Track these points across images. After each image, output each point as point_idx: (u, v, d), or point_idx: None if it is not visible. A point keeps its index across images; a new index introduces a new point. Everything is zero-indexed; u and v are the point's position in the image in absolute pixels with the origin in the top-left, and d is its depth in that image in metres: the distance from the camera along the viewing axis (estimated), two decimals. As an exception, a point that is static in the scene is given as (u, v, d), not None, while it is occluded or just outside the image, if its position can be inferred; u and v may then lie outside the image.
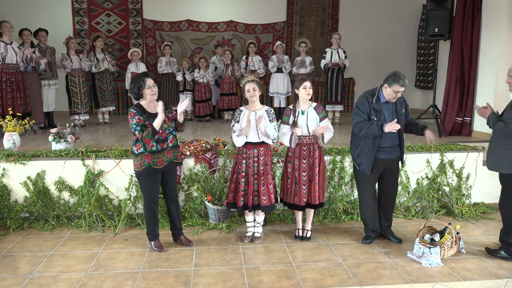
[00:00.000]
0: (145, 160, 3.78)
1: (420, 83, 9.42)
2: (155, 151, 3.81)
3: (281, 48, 7.83)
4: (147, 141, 3.75)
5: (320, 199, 4.23)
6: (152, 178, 3.87)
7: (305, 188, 4.18)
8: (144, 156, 3.78)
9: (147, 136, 3.71)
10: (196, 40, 9.40)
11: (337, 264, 3.83)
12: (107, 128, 7.19)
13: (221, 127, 7.31)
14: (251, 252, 4.06)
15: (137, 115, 3.73)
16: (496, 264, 3.86)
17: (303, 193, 4.17)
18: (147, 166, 3.79)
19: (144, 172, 3.81)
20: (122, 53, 9.11)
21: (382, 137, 3.96)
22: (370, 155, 4.00)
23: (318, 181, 4.18)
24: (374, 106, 3.95)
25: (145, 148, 3.78)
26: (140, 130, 3.71)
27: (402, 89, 3.86)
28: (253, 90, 4.06)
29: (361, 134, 3.98)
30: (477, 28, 6.35)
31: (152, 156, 3.79)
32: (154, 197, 3.94)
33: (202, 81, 8.02)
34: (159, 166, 3.84)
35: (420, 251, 3.92)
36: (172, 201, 4.11)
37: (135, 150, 3.81)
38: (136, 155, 3.82)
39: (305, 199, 4.19)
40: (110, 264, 3.78)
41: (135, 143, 3.82)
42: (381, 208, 4.33)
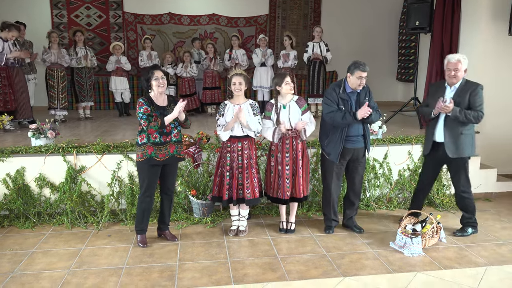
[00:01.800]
0: (147, 151, 3.81)
1: (402, 76, 9.53)
2: (158, 143, 3.83)
3: (264, 41, 7.81)
4: (151, 132, 3.77)
5: (304, 192, 4.26)
6: (151, 170, 3.88)
7: (288, 182, 4.20)
8: (147, 147, 3.81)
9: (154, 127, 3.74)
10: (178, 33, 9.31)
11: (321, 255, 3.87)
12: (88, 124, 7.08)
13: (205, 121, 7.28)
14: (236, 245, 4.07)
15: (145, 105, 3.78)
16: (475, 252, 3.96)
17: (286, 187, 4.20)
18: (148, 157, 3.81)
19: (145, 162, 3.82)
20: (103, 47, 8.97)
21: (349, 126, 4.06)
22: (339, 144, 4.09)
23: (302, 175, 4.21)
24: (342, 96, 4.07)
25: (148, 139, 3.82)
26: (146, 120, 3.74)
27: (364, 74, 3.99)
28: (239, 84, 4.07)
29: (336, 123, 4.06)
30: (457, 22, 6.44)
31: (154, 148, 3.82)
32: (150, 190, 3.93)
33: (186, 76, 7.95)
34: (160, 159, 3.85)
35: (402, 241, 3.99)
36: (167, 196, 4.12)
37: (139, 140, 3.85)
38: (139, 145, 3.85)
39: (288, 193, 4.22)
40: (94, 261, 3.74)
41: (139, 133, 3.85)
42: (347, 198, 4.44)
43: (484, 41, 6.13)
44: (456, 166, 4.24)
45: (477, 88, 4.07)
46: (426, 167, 4.49)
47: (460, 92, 4.10)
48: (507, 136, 6.41)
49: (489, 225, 4.66)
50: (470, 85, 4.11)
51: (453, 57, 4.13)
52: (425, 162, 4.51)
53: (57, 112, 7.17)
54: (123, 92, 7.93)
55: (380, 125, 5.30)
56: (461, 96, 4.07)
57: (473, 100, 4.05)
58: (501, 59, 6.21)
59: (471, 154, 4.18)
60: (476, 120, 4.03)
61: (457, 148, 4.11)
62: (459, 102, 4.05)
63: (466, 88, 4.09)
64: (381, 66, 9.58)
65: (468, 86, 4.10)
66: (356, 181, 4.34)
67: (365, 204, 5.16)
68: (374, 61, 9.27)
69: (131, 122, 7.16)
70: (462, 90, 4.10)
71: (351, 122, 4.01)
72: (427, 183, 4.52)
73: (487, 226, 4.64)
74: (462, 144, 4.10)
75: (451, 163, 4.26)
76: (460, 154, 4.13)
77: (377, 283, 3.39)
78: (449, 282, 3.42)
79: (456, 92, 4.12)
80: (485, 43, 6.14)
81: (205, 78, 8.07)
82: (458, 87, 4.13)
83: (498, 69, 6.24)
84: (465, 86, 4.11)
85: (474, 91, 4.06)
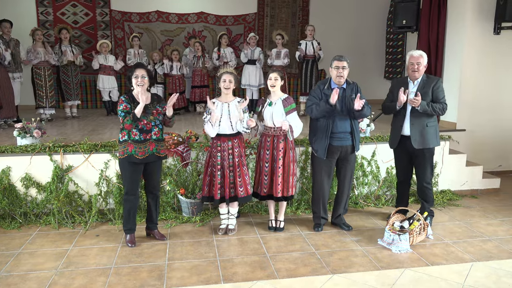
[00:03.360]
0: (128, 148, 3.81)
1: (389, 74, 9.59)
2: (137, 141, 3.82)
3: (254, 40, 7.80)
4: (128, 127, 3.76)
5: (284, 193, 4.24)
6: (132, 168, 3.86)
7: (266, 179, 4.22)
8: (127, 144, 3.81)
9: (127, 121, 3.73)
10: (166, 31, 9.24)
11: (310, 253, 3.88)
12: (75, 122, 7.00)
13: (193, 120, 7.25)
14: (225, 244, 4.07)
15: (124, 102, 3.78)
16: (462, 248, 4.01)
17: (264, 184, 4.23)
18: (128, 154, 3.81)
19: (126, 159, 3.82)
20: (90, 45, 8.87)
21: (334, 122, 4.11)
22: (324, 140, 4.14)
23: (283, 174, 4.20)
24: (326, 92, 4.14)
25: (129, 136, 3.81)
26: (123, 116, 3.75)
27: (340, 64, 4.08)
28: (229, 82, 4.07)
29: (313, 114, 4.14)
30: (443, 21, 6.51)
31: (134, 145, 3.81)
32: (132, 188, 3.91)
33: (176, 73, 7.90)
34: (139, 156, 3.83)
35: (390, 238, 4.02)
36: (152, 195, 4.09)
37: (120, 137, 3.85)
38: (120, 142, 3.86)
39: (265, 189, 4.23)
40: (81, 261, 3.71)
41: (121, 130, 3.86)
42: (336, 196, 4.48)
43: (469, 40, 6.20)
44: (422, 158, 4.36)
45: (438, 82, 4.27)
46: (399, 161, 4.59)
47: (423, 87, 4.25)
48: (493, 134, 6.50)
49: (475, 222, 4.72)
50: (431, 79, 4.29)
51: (415, 52, 4.29)
52: (396, 156, 4.62)
53: (46, 111, 7.08)
54: (111, 90, 7.86)
55: (368, 123, 5.34)
56: (424, 90, 4.23)
57: (436, 93, 4.23)
58: (486, 58, 6.29)
59: (435, 145, 4.33)
60: (442, 112, 4.25)
61: (423, 140, 4.26)
62: (423, 96, 4.20)
63: (428, 83, 4.26)
64: (368, 65, 9.64)
65: (429, 81, 4.28)
66: (346, 179, 4.36)
67: (353, 201, 5.19)
68: (362, 60, 9.34)
69: (118, 121, 7.08)
70: (424, 84, 4.26)
71: (326, 108, 4.03)
72: (403, 175, 4.61)
73: (473, 222, 4.70)
74: (427, 136, 4.26)
75: (417, 155, 4.37)
76: (425, 145, 4.27)
77: (366, 280, 3.42)
78: (437, 278, 3.46)
79: (419, 86, 4.27)
80: (471, 42, 6.21)
81: (194, 76, 8.03)
82: (420, 82, 4.29)
83: (483, 68, 6.32)
84: (427, 81, 4.28)
85: (436, 85, 4.24)
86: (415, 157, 4.41)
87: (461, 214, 4.95)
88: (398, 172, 4.67)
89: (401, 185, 4.67)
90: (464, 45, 6.23)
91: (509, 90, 6.47)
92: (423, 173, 4.42)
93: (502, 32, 6.19)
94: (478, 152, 6.39)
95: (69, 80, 7.38)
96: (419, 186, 4.49)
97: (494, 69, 6.36)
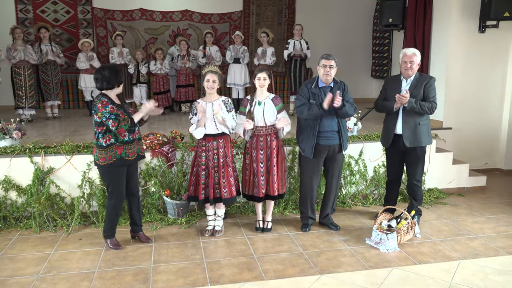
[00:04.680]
0: (117, 151, 3.71)
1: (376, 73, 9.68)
2: (127, 142, 3.76)
3: (240, 38, 7.79)
4: (122, 131, 3.68)
5: (279, 190, 4.28)
6: (121, 171, 3.81)
7: (263, 180, 4.21)
8: (115, 147, 3.71)
9: (124, 126, 3.67)
10: (150, 30, 9.17)
11: (298, 254, 3.89)
12: (56, 123, 6.90)
13: (178, 120, 7.21)
14: (212, 246, 4.05)
15: (110, 104, 3.65)
16: (449, 247, 4.06)
17: (261, 185, 4.20)
18: (119, 158, 3.73)
19: (117, 164, 3.73)
20: (71, 44, 8.74)
21: (321, 121, 4.13)
22: (311, 140, 4.16)
23: (277, 172, 4.22)
24: (313, 91, 4.16)
25: (116, 139, 3.71)
26: (115, 119, 3.63)
27: (328, 62, 4.10)
28: (212, 82, 4.04)
29: (304, 116, 4.14)
30: (429, 19, 6.59)
31: (124, 147, 3.74)
32: (122, 192, 3.87)
33: (160, 73, 7.85)
34: (130, 157, 3.80)
35: (378, 238, 4.06)
36: (134, 197, 4.06)
37: (103, 142, 3.69)
38: (104, 147, 3.69)
39: (263, 190, 4.23)
40: (64, 265, 3.65)
41: (102, 134, 3.69)
42: (324, 196, 4.50)
43: (455, 38, 6.29)
44: (414, 156, 4.41)
45: (430, 80, 4.31)
46: (390, 160, 4.64)
47: (416, 85, 4.30)
48: (479, 132, 6.61)
49: (462, 220, 4.79)
50: (424, 77, 4.34)
51: (409, 50, 4.32)
52: (388, 155, 4.67)
53: (25, 111, 6.96)
54: (93, 90, 7.76)
55: (355, 122, 5.37)
56: (417, 88, 4.28)
57: (427, 92, 4.29)
58: (472, 56, 6.39)
59: (428, 143, 4.40)
60: (430, 111, 4.28)
61: (415, 138, 4.31)
62: (415, 94, 4.25)
63: (420, 81, 4.31)
64: (355, 63, 9.70)
65: (422, 79, 4.33)
66: (333, 179, 4.38)
67: (341, 201, 5.22)
68: (349, 58, 9.40)
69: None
70: (417, 82, 4.31)
71: (318, 112, 4.05)
72: (394, 174, 4.66)
73: (459, 220, 4.77)
74: (419, 135, 4.31)
75: (409, 153, 4.42)
76: (417, 144, 4.33)
77: (354, 280, 3.44)
78: (424, 276, 3.50)
79: (412, 84, 4.31)
80: (456, 40, 6.30)
81: (179, 75, 7.98)
82: (413, 80, 4.33)
83: (469, 66, 6.42)
84: (419, 79, 4.32)
85: (428, 83, 4.29)
86: (407, 155, 4.45)
87: (448, 212, 5.02)
88: (388, 170, 4.71)
89: (391, 183, 4.72)
90: (449, 43, 6.32)
91: (494, 88, 6.58)
92: (414, 171, 4.47)
93: (487, 31, 6.29)
94: (464, 150, 6.48)
95: (48, 79, 7.27)
96: (409, 184, 4.54)
97: (479, 67, 6.46)
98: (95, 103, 3.67)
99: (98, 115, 3.64)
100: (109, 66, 3.79)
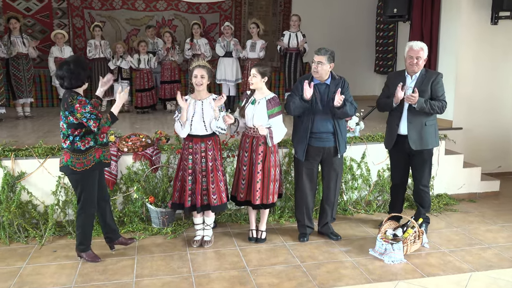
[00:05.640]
0: (95, 155, 3.72)
1: (380, 68, 9.72)
2: (105, 144, 3.79)
3: (229, 30, 7.79)
4: (105, 130, 3.68)
5: (263, 200, 4.22)
6: (96, 176, 3.82)
7: (244, 183, 4.23)
8: (94, 150, 3.72)
9: (106, 123, 3.64)
10: (132, 20, 9.14)
11: (295, 266, 3.90)
12: (28, 123, 6.86)
13: (163, 119, 7.20)
14: (201, 258, 4.05)
15: (88, 104, 3.62)
16: (460, 257, 4.09)
17: (241, 188, 4.24)
18: (97, 162, 3.74)
19: (95, 168, 3.73)
20: (44, 35, 8.68)
21: (315, 122, 4.14)
22: (303, 141, 4.18)
23: (262, 180, 4.19)
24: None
25: (95, 141, 3.71)
26: (96, 119, 3.60)
27: (317, 58, 4.10)
28: (201, 77, 4.04)
29: (291, 112, 4.17)
30: (437, 10, 6.64)
31: (103, 149, 3.77)
32: (95, 199, 3.88)
33: (144, 67, 7.82)
34: (108, 160, 3.84)
35: (382, 248, 4.07)
36: (107, 202, 4.07)
37: (81, 146, 3.66)
38: (83, 152, 3.67)
39: (242, 194, 4.24)
40: (37, 280, 3.63)
41: (80, 137, 3.66)
42: (322, 202, 4.51)
43: (465, 30, 6.34)
44: (420, 159, 4.43)
45: (438, 77, 4.32)
46: (395, 163, 4.65)
47: (422, 82, 4.30)
48: (492, 132, 6.64)
49: (474, 228, 4.82)
50: (430, 74, 4.34)
51: (416, 44, 4.30)
52: (392, 157, 4.69)
53: (-5, 110, 6.92)
54: (69, 87, 7.72)
55: (357, 121, 5.39)
56: (423, 85, 4.28)
57: (435, 90, 4.29)
58: (483, 50, 6.44)
59: (435, 145, 4.43)
60: (441, 110, 4.29)
61: (421, 140, 4.32)
62: (422, 92, 4.24)
63: (427, 78, 4.31)
64: (357, 58, 9.73)
65: (428, 75, 4.32)
66: (331, 184, 4.39)
67: (342, 208, 5.24)
68: (350, 52, 9.43)
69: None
70: (423, 79, 4.31)
71: (301, 104, 4.08)
72: (399, 178, 4.67)
73: (471, 229, 4.80)
74: (426, 136, 4.32)
75: (415, 156, 4.44)
76: (424, 146, 4.34)
77: (356, 294, 3.45)
78: (433, 290, 3.52)
79: (417, 81, 4.31)
80: (467, 32, 6.35)
81: (163, 70, 7.97)
82: (419, 77, 4.33)
83: (481, 61, 6.46)
84: (426, 75, 4.32)
85: (435, 80, 4.29)
86: (413, 158, 4.47)
87: (458, 220, 5.05)
88: (393, 174, 4.73)
89: (396, 188, 4.74)
90: (459, 36, 6.36)
91: (508, 85, 6.63)
92: (420, 175, 4.48)
93: (500, 22, 6.35)
94: (476, 152, 6.52)
95: (20, 75, 7.21)
96: (416, 189, 4.56)
97: (492, 62, 6.51)
98: (71, 102, 3.59)
99: (77, 116, 3.60)
100: (74, 60, 3.70)
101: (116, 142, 4.83)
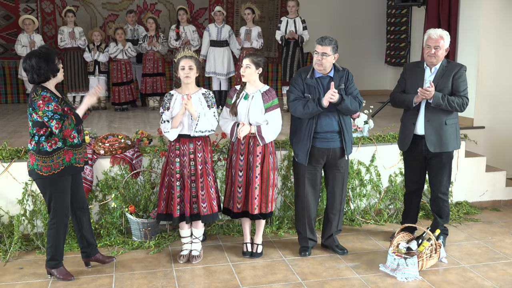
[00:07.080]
0: (65, 158, 3.71)
1: (391, 59, 9.76)
2: (76, 145, 3.77)
3: (221, 15, 7.80)
4: (68, 133, 3.65)
5: (262, 209, 4.25)
6: (67, 182, 3.81)
7: (240, 192, 4.22)
8: (63, 153, 3.70)
9: (70, 125, 3.64)
10: (109, 5, 9.15)
11: (296, 284, 3.91)
12: (-10, 122, 6.86)
13: (145, 117, 7.20)
14: (188, 275, 4.05)
15: (53, 101, 3.62)
16: (482, 274, 4.11)
17: (237, 197, 4.22)
18: (67, 165, 3.72)
19: (64, 173, 3.72)
20: (9, 22, 8.69)
21: (319, 120, 4.13)
22: (306, 142, 4.17)
23: (261, 185, 4.20)
24: (308, 82, 4.17)
25: (64, 142, 3.70)
26: (60, 119, 3.60)
27: (319, 49, 4.09)
28: (189, 69, 4.04)
29: (298, 114, 4.14)
30: (456, -8, 6.68)
31: (73, 151, 3.75)
32: (68, 207, 3.87)
33: (122, 58, 7.81)
34: (80, 164, 3.83)
35: (394, 263, 4.08)
36: (84, 211, 4.06)
37: (47, 147, 3.66)
38: (49, 154, 3.67)
39: (239, 205, 4.23)
40: (0, 302, 3.63)
41: (45, 138, 3.67)
42: (326, 212, 4.52)
43: (488, 16, 6.37)
44: (438, 163, 4.45)
45: (461, 70, 4.32)
46: (409, 167, 4.66)
47: (442, 75, 4.31)
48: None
49: (498, 240, 4.85)
50: (452, 66, 4.34)
51: (435, 32, 4.29)
52: (406, 160, 4.70)
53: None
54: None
55: (366, 119, 5.41)
56: (443, 79, 4.29)
57: (457, 84, 4.29)
58: (508, 40, 6.46)
59: (456, 147, 4.44)
60: (461, 108, 4.28)
61: (440, 142, 4.32)
62: (442, 87, 4.26)
63: (448, 70, 4.31)
64: (365, 47, 9.77)
65: (450, 67, 4.32)
66: (336, 191, 4.40)
67: (349, 218, 5.25)
68: (357, 41, 9.47)
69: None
70: (444, 72, 4.31)
71: (316, 110, 4.06)
72: (414, 185, 4.69)
73: (495, 241, 4.83)
74: (445, 137, 4.33)
75: (432, 159, 4.46)
76: (443, 149, 4.35)
77: (365, 316, 3.46)
78: (452, 311, 3.54)
79: (437, 74, 4.32)
80: (489, 19, 6.37)
81: (145, 62, 7.96)
82: (439, 69, 4.34)
83: (505, 51, 6.49)
84: (447, 68, 4.32)
85: (458, 73, 4.29)
86: (430, 162, 4.48)
87: (480, 231, 5.08)
88: (407, 180, 4.74)
89: (410, 196, 4.75)
90: (481, 23, 6.39)
91: (536, 78, 6.67)
92: (438, 181, 4.49)
93: (527, 7, 6.39)
94: (500, 154, 6.55)
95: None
96: (433, 197, 4.58)
97: (516, 52, 6.54)
98: (34, 98, 3.60)
99: (39, 114, 3.60)
100: (37, 53, 3.68)
101: (91, 143, 4.83)
